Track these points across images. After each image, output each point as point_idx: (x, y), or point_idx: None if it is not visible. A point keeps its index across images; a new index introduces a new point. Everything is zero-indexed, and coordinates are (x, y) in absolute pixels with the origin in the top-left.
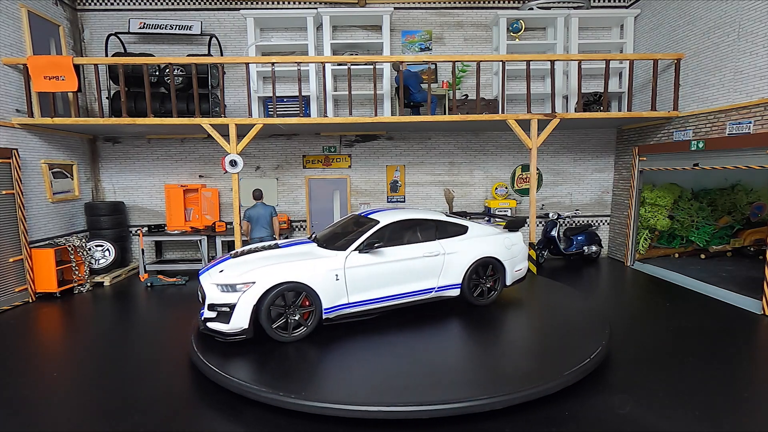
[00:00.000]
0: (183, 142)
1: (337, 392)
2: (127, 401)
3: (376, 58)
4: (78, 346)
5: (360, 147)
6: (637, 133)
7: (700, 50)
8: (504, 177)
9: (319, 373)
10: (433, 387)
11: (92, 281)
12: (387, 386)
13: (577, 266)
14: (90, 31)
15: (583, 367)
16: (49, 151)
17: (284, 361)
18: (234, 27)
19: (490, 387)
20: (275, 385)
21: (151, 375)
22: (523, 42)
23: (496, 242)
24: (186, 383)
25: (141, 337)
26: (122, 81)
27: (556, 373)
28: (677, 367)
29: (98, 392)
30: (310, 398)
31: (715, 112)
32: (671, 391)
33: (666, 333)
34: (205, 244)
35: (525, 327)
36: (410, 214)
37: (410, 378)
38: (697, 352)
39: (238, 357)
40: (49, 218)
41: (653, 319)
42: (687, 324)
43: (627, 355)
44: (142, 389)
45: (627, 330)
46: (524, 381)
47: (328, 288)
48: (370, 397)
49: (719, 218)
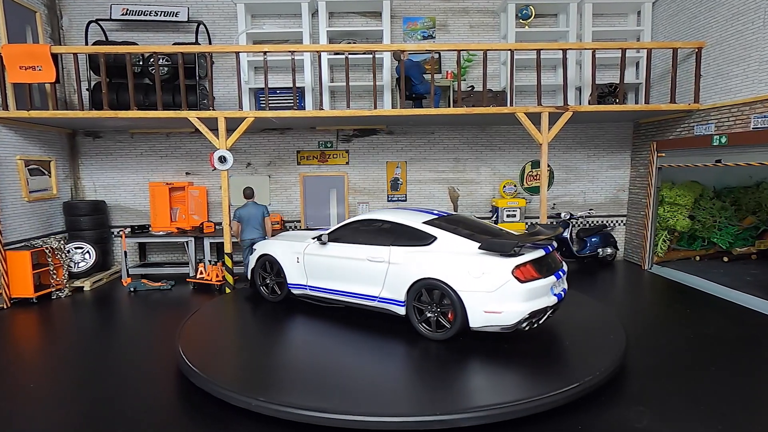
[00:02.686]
0: (169, 137)
1: (331, 398)
2: (109, 414)
3: (375, 46)
4: (56, 356)
5: (358, 142)
6: (655, 128)
7: (722, 38)
8: (512, 174)
9: (316, 379)
10: (441, 397)
11: (71, 286)
12: (388, 396)
13: (591, 270)
14: (69, 18)
15: (597, 378)
16: (25, 147)
17: (275, 368)
18: (223, 13)
19: (498, 398)
20: (264, 392)
21: (135, 386)
22: (533, 29)
23: (451, 263)
24: (172, 394)
25: (124, 345)
26: (103, 71)
27: (568, 384)
28: (698, 378)
29: (78, 405)
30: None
31: (738, 105)
32: (691, 403)
33: (686, 341)
34: (192, 246)
35: (535, 335)
36: (383, 214)
37: (413, 389)
38: (719, 361)
39: (225, 364)
40: (25, 218)
41: (672, 327)
42: (708, 332)
43: (644, 365)
44: (125, 401)
45: (644, 338)
46: (534, 392)
47: (291, 267)
48: (368, 406)
49: (743, 218)
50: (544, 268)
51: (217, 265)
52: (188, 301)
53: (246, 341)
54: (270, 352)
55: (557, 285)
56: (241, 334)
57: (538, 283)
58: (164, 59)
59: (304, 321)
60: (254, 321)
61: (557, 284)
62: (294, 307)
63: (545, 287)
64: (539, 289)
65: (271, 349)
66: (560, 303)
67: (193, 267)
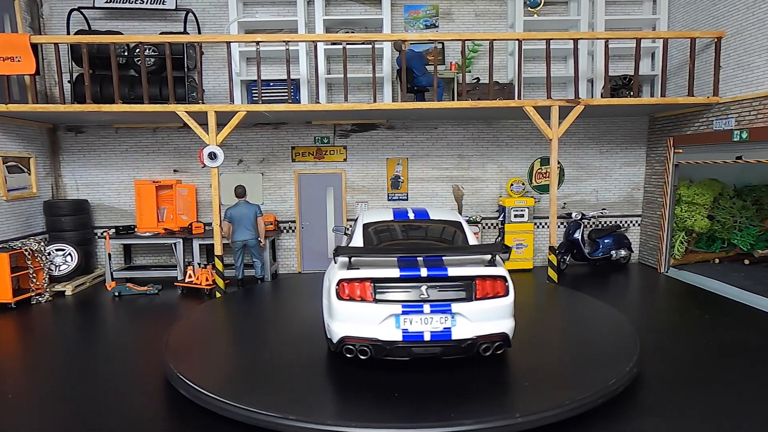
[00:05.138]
0: (156, 132)
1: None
2: (91, 426)
3: (375, 36)
4: (36, 364)
5: (357, 137)
6: (672, 122)
7: (743, 27)
8: (521, 172)
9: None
10: (444, 409)
11: (52, 290)
12: (376, 405)
13: (604, 273)
14: (49, 6)
15: (610, 387)
16: (2, 143)
17: (275, 376)
18: (213, 1)
19: (505, 408)
20: (255, 402)
21: (119, 396)
22: (542, 18)
23: (328, 270)
24: (159, 405)
25: (108, 353)
26: (86, 62)
27: (580, 394)
28: (717, 388)
29: (59, 416)
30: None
31: (760, 98)
32: (710, 415)
33: (704, 349)
34: (180, 248)
35: (545, 343)
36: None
37: (414, 398)
38: (740, 370)
39: (215, 372)
40: (2, 219)
41: (690, 333)
42: (728, 338)
43: (660, 373)
44: (109, 413)
45: (660, 345)
46: (543, 402)
47: None
48: (363, 417)
49: (765, 218)
50: (398, 294)
51: (206, 268)
52: (176, 306)
53: (238, 348)
54: (262, 359)
55: (419, 322)
56: (233, 340)
57: (360, 308)
58: (151, 49)
59: (299, 326)
60: (246, 327)
61: (419, 320)
62: (288, 311)
63: (377, 316)
64: (362, 317)
65: (263, 356)
66: (436, 349)
67: (181, 270)
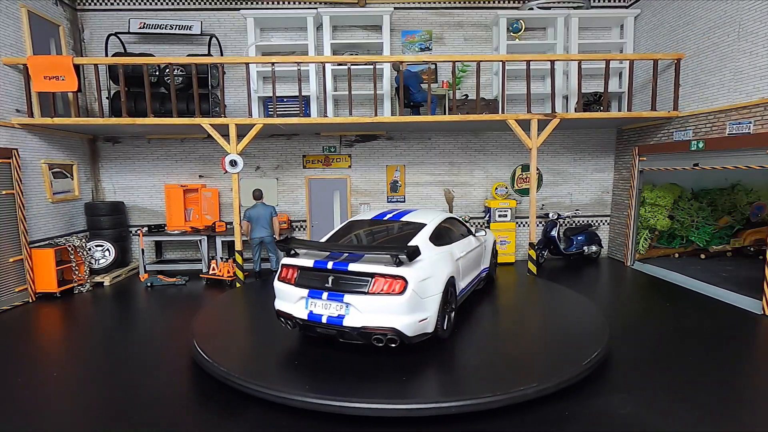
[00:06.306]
0: (183, 142)
1: (342, 387)
2: (127, 401)
3: (376, 58)
4: (78, 347)
5: (360, 147)
6: (637, 133)
7: (700, 50)
8: (504, 177)
9: (323, 368)
10: (438, 387)
11: (92, 281)
12: (385, 384)
13: (577, 266)
14: (90, 31)
15: (583, 367)
16: (49, 151)
17: (291, 357)
18: (234, 27)
19: (487, 386)
20: (281, 382)
21: (152, 375)
22: (523, 42)
23: None
24: (187, 383)
25: (141, 337)
26: (122, 81)
27: (555, 373)
28: (677, 368)
29: (98, 393)
30: (315, 395)
31: (715, 112)
32: (672, 391)
33: (666, 333)
34: (205, 244)
35: (523, 328)
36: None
37: (407, 375)
38: (697, 352)
39: (239, 354)
40: (49, 218)
41: (653, 320)
42: (687, 324)
43: (627, 355)
44: (143, 389)
45: (627, 330)
46: (522, 381)
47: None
48: (373, 393)
49: (719, 218)
50: (310, 280)
51: (228, 262)
52: (201, 295)
53: (256, 332)
54: (279, 341)
55: (320, 306)
56: (251, 325)
57: (285, 288)
58: (179, 70)
59: None
60: (263, 313)
61: (321, 305)
62: None
63: (293, 296)
64: (286, 295)
65: (280, 338)
66: (332, 331)
67: (205, 263)
